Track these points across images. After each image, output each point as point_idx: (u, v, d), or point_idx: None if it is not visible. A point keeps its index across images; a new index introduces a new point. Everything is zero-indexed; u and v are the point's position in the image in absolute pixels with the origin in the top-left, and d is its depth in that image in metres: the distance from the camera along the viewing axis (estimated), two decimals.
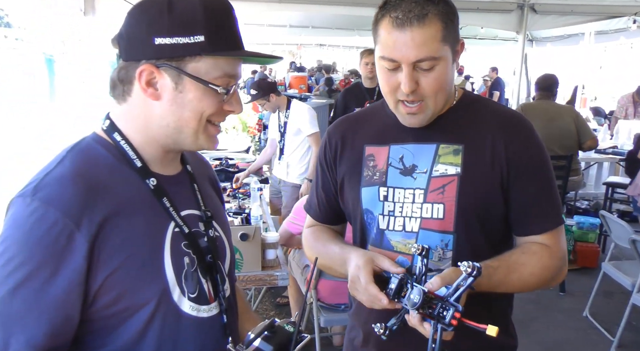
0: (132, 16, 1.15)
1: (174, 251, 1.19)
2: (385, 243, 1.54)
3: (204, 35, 1.11)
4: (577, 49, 11.48)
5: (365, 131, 1.63)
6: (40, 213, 1.03)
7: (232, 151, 6.15)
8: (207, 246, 1.28)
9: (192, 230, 1.25)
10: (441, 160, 1.50)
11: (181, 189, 1.29)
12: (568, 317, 4.63)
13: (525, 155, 1.49)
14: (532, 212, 1.51)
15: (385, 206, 1.54)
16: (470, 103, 1.58)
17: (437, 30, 1.36)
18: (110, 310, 1.12)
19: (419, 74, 1.39)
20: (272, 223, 3.99)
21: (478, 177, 1.47)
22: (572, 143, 5.55)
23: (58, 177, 1.09)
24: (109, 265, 1.09)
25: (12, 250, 1.04)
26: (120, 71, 1.17)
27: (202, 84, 1.14)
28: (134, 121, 1.20)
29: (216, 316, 1.28)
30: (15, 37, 6.95)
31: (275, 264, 3.12)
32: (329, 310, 3.48)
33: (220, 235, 1.37)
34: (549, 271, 1.50)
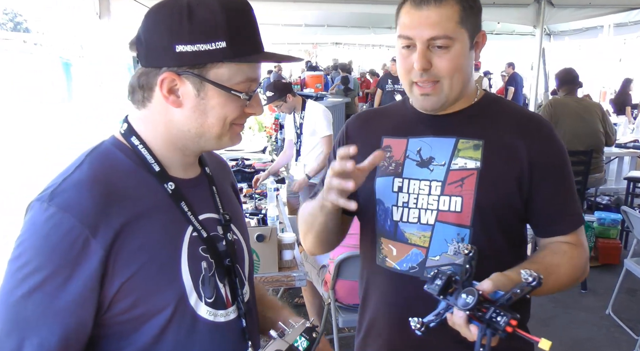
0: (151, 21, 1.14)
1: (191, 256, 1.18)
2: (399, 235, 1.53)
3: (225, 41, 1.10)
4: (595, 42, 11.35)
5: (384, 123, 1.65)
6: (56, 219, 1.04)
7: (248, 151, 6.16)
8: (226, 250, 1.28)
9: (211, 234, 1.25)
10: (461, 154, 1.50)
11: (200, 192, 1.28)
12: (590, 315, 4.57)
13: (548, 157, 1.50)
14: (556, 213, 1.53)
15: (400, 197, 1.54)
16: (490, 102, 1.60)
17: (455, 11, 1.41)
18: (127, 316, 1.12)
19: (433, 54, 1.42)
20: (288, 223, 3.98)
21: (498, 173, 1.47)
22: (597, 141, 5.52)
23: (75, 182, 1.09)
24: (126, 271, 1.09)
25: (28, 254, 1.05)
26: (140, 77, 1.16)
27: (225, 91, 1.13)
28: (154, 126, 1.19)
29: (234, 321, 1.27)
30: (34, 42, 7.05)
31: (293, 265, 3.11)
32: (347, 310, 3.47)
33: (238, 238, 1.36)
34: (579, 271, 1.52)
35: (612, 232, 5.73)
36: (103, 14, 5.69)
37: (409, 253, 1.52)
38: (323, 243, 1.68)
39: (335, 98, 10.95)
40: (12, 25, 30.09)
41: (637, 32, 9.59)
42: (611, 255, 5.56)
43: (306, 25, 12.50)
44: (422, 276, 1.50)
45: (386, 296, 1.59)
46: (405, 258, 1.53)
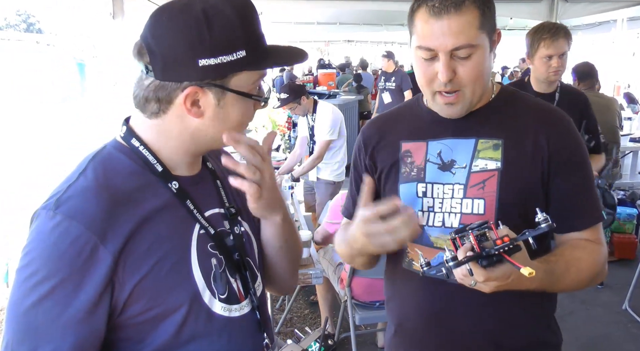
0: (165, 33, 1.09)
1: (200, 254, 1.19)
2: (425, 239, 1.53)
3: (245, 49, 1.10)
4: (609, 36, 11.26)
5: (400, 128, 1.63)
6: (63, 227, 1.04)
7: None
8: (234, 244, 1.28)
9: (218, 230, 1.25)
10: (481, 155, 1.48)
11: (204, 188, 1.28)
12: (607, 311, 4.54)
13: (567, 151, 1.48)
14: (574, 208, 1.50)
15: (425, 202, 1.53)
16: (508, 97, 1.57)
17: (474, 17, 1.36)
18: (142, 317, 1.13)
19: (456, 63, 1.39)
20: (304, 221, 3.99)
21: (519, 172, 1.46)
22: (615, 136, 5.48)
23: (80, 189, 1.09)
24: (137, 274, 1.09)
25: (36, 263, 1.04)
26: (157, 91, 1.12)
27: (246, 97, 1.14)
28: (165, 135, 1.18)
29: (249, 314, 1.28)
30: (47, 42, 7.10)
31: (309, 263, 3.12)
32: (364, 307, 3.48)
33: (247, 231, 1.36)
34: (599, 267, 1.50)
35: (627, 227, 5.69)
36: (117, 14, 5.72)
37: (435, 257, 1.50)
38: (372, 263, 1.72)
39: (347, 96, 10.93)
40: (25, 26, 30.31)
41: None
42: (627, 250, 5.53)
43: (318, 23, 12.50)
44: (448, 279, 1.47)
45: (415, 299, 1.59)
46: (432, 262, 1.52)
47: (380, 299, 3.47)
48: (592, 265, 1.48)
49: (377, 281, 3.40)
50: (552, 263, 1.38)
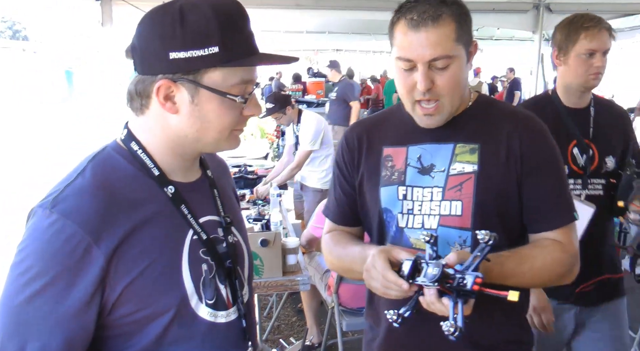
0: (144, 29, 1.14)
1: (192, 258, 1.20)
2: (405, 241, 1.56)
3: (217, 46, 1.10)
4: None
5: (382, 133, 1.67)
6: (58, 226, 1.05)
7: (250, 158, 6.19)
8: (227, 252, 1.29)
9: (211, 236, 1.26)
10: (458, 159, 1.54)
11: (200, 195, 1.29)
12: None
13: (538, 152, 1.53)
14: (543, 209, 1.54)
15: (404, 205, 1.57)
16: (485, 104, 1.63)
17: (451, 30, 1.42)
18: (130, 318, 1.14)
19: (435, 73, 1.44)
20: (292, 228, 4.01)
21: (494, 174, 1.51)
22: None
23: (78, 189, 1.10)
24: (128, 276, 1.10)
25: (30, 260, 1.06)
26: (137, 85, 1.17)
27: (220, 95, 1.14)
28: (152, 133, 1.20)
29: (235, 322, 1.29)
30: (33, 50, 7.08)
31: (297, 269, 3.13)
32: (351, 314, 3.50)
33: (239, 240, 1.38)
34: (560, 266, 1.52)
35: None
36: (105, 21, 5.73)
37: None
38: None
39: None
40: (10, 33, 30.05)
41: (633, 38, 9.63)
42: None
43: (307, 31, 12.53)
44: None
45: (390, 301, 1.61)
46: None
47: None
48: (550, 263, 1.50)
49: (364, 287, 3.39)
50: (504, 257, 1.43)
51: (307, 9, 6.53)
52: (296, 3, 6.31)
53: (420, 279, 1.29)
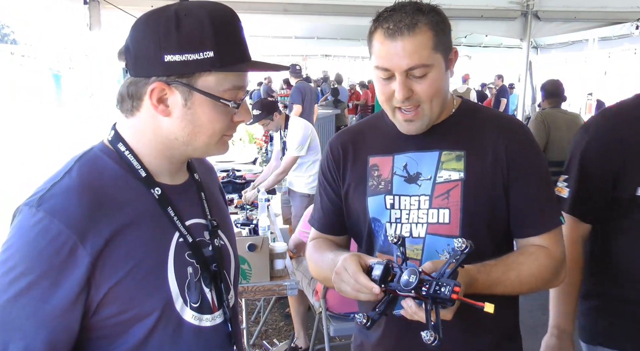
0: (139, 31, 1.15)
1: (177, 261, 1.20)
2: (393, 250, 1.55)
3: (212, 51, 1.11)
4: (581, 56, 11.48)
5: (367, 142, 1.66)
6: (44, 224, 1.05)
7: (239, 163, 6.18)
8: (213, 255, 1.29)
9: (197, 239, 1.26)
10: (444, 166, 1.53)
11: (187, 198, 1.29)
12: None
13: (523, 157, 1.53)
14: (530, 214, 1.54)
15: (392, 214, 1.56)
16: (468, 110, 1.63)
17: (428, 38, 1.41)
18: (114, 320, 1.13)
19: (413, 82, 1.44)
20: (279, 233, 4.00)
21: (481, 181, 1.51)
22: None
23: (64, 188, 1.10)
24: (113, 277, 1.10)
25: (15, 258, 1.05)
26: (129, 87, 1.17)
27: (214, 99, 1.14)
28: (142, 134, 1.20)
29: (220, 325, 1.29)
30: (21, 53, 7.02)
31: (284, 274, 3.13)
32: (339, 319, 3.50)
33: (225, 244, 1.38)
34: (547, 271, 1.52)
35: None
36: (94, 25, 5.69)
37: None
38: None
39: (325, 110, 11.00)
40: None
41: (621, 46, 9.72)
42: None
43: (296, 37, 12.53)
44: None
45: None
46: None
47: (355, 310, 3.48)
48: (537, 269, 1.50)
49: None
50: (490, 266, 1.43)
51: (295, 14, 6.53)
52: (284, 8, 6.30)
53: (395, 285, 1.28)
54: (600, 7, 6.87)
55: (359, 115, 15.62)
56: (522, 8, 6.89)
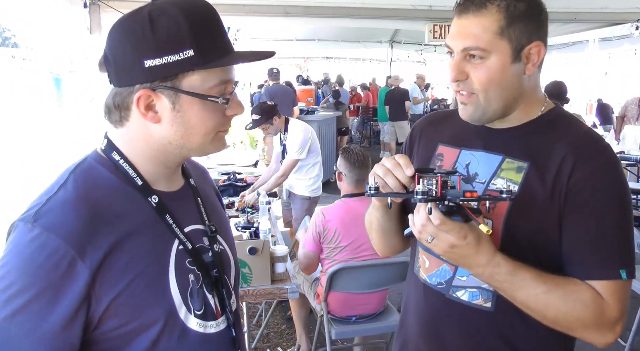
0: (115, 39, 1.11)
1: (178, 269, 1.18)
2: None
3: (192, 49, 1.08)
4: (581, 56, 11.50)
5: (444, 129, 1.60)
6: (41, 241, 1.02)
7: (240, 165, 6.18)
8: (213, 261, 1.27)
9: (197, 245, 1.24)
10: (502, 175, 1.41)
11: (184, 204, 1.27)
12: None
13: (590, 188, 1.31)
14: (579, 254, 1.33)
15: None
16: (554, 119, 1.44)
17: (493, 21, 1.31)
18: (117, 332, 1.11)
19: (469, 64, 1.35)
20: (280, 236, 3.99)
21: (534, 202, 1.34)
22: None
23: (60, 202, 1.07)
24: (114, 290, 1.08)
25: (11, 276, 1.02)
26: (115, 97, 1.14)
27: (201, 98, 1.11)
28: (134, 143, 1.17)
29: (224, 331, 1.27)
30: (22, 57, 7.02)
31: (285, 277, 3.11)
32: (340, 322, 3.48)
33: (225, 249, 1.36)
34: (585, 312, 1.29)
35: None
36: (94, 29, 5.71)
37: (439, 268, 1.50)
38: (384, 243, 1.69)
39: (326, 112, 11.00)
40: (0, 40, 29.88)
41: (622, 46, 9.73)
42: None
43: (297, 39, 12.59)
44: (447, 293, 1.48)
45: (416, 306, 1.59)
46: (436, 273, 1.51)
47: (356, 313, 3.48)
48: (573, 301, 1.29)
49: (353, 296, 3.41)
50: (521, 265, 1.30)
51: (296, 16, 6.55)
52: (285, 11, 6.32)
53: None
54: (601, 8, 6.89)
55: (360, 117, 15.63)
56: None
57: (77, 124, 5.71)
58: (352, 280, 3.35)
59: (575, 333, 1.36)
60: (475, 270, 1.32)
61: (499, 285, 1.32)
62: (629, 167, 7.50)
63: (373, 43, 14.64)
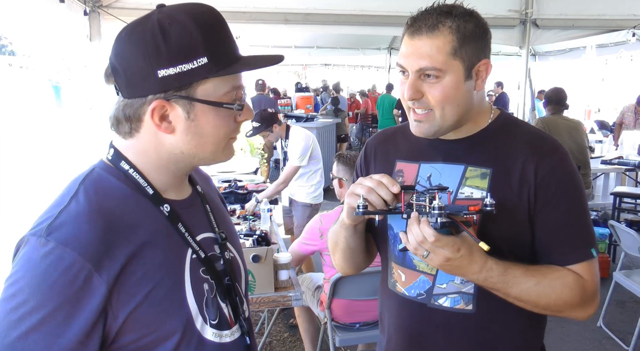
0: (124, 49, 1.09)
1: (193, 279, 1.16)
2: (408, 262, 1.54)
3: (205, 56, 1.06)
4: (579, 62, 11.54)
5: (399, 146, 1.64)
6: (56, 255, 0.99)
7: (240, 173, 6.17)
8: (224, 269, 1.26)
9: (209, 254, 1.22)
10: (468, 183, 1.47)
11: (194, 212, 1.26)
12: (582, 328, 4.61)
13: (554, 183, 1.42)
14: (554, 244, 1.44)
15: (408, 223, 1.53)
16: (505, 125, 1.53)
17: (446, 42, 1.36)
18: (134, 345, 1.09)
19: (424, 84, 1.40)
20: (283, 244, 3.98)
21: (503, 204, 1.39)
22: (585, 157, 5.70)
23: (74, 214, 1.05)
24: (132, 302, 1.06)
25: (25, 293, 0.99)
26: (125, 109, 1.11)
27: (216, 106, 1.10)
28: (143, 154, 1.15)
29: (239, 339, 1.26)
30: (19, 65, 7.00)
31: (289, 285, 3.10)
32: (344, 329, 3.47)
33: (235, 256, 1.35)
34: (571, 294, 1.40)
35: (600, 246, 5.82)
36: (94, 36, 5.71)
37: (417, 280, 1.52)
38: (349, 262, 1.69)
39: (325, 119, 11.02)
40: None
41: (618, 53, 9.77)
42: (600, 269, 5.56)
43: (296, 46, 12.61)
44: (429, 303, 1.51)
45: (397, 320, 1.61)
46: (414, 285, 1.53)
47: (360, 320, 3.48)
48: (560, 287, 1.39)
49: (356, 302, 3.41)
50: (509, 262, 1.37)
51: (296, 24, 6.56)
52: (285, 18, 6.34)
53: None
54: (598, 15, 6.94)
55: (359, 124, 15.65)
56: (521, 16, 6.96)
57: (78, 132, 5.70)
58: (355, 287, 3.34)
59: (563, 314, 1.46)
60: (469, 276, 1.37)
61: (493, 285, 1.38)
62: (627, 172, 7.55)
63: (371, 50, 14.67)
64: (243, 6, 6.15)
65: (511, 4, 6.94)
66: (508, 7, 6.91)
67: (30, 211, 1.12)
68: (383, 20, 6.56)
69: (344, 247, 1.62)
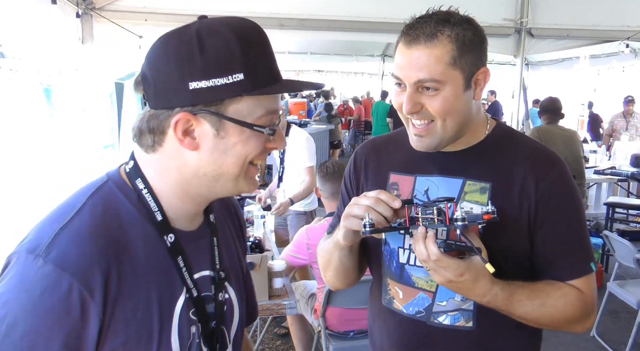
0: (158, 57, 1.03)
1: (182, 321, 1.10)
2: (406, 278, 1.50)
3: (243, 73, 0.99)
4: (571, 73, 11.61)
5: (391, 156, 1.58)
6: (53, 279, 0.94)
7: None
8: (214, 312, 1.19)
9: (202, 295, 1.16)
10: (467, 197, 1.43)
11: (199, 246, 1.18)
12: (576, 338, 4.60)
13: (555, 197, 1.41)
14: (555, 259, 1.43)
15: (407, 239, 1.48)
16: (502, 137, 1.50)
17: (445, 52, 1.30)
18: None
19: (423, 96, 1.34)
20: (276, 250, 3.94)
21: (504, 219, 1.35)
22: (580, 167, 5.72)
23: (75, 234, 0.98)
24: (116, 340, 1.01)
25: (16, 315, 0.93)
26: (150, 121, 1.05)
27: (247, 127, 1.03)
28: (165, 172, 1.09)
29: None
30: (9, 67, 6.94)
31: (283, 293, 3.06)
32: (338, 338, 3.44)
33: (230, 297, 1.25)
34: (574, 311, 1.42)
35: None
36: (86, 39, 5.66)
37: (415, 297, 1.48)
38: (342, 280, 1.65)
39: (319, 125, 11.01)
40: None
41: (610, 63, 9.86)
42: None
43: (289, 52, 12.59)
44: (428, 321, 1.47)
45: (392, 337, 1.56)
46: (412, 302, 1.50)
47: (354, 329, 3.44)
48: (563, 305, 1.40)
49: (351, 311, 3.37)
50: (515, 285, 1.36)
51: (291, 29, 6.53)
52: (280, 23, 6.31)
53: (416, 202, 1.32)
54: (592, 26, 6.98)
55: (352, 130, 15.66)
56: (516, 25, 6.97)
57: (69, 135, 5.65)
58: (349, 295, 3.30)
59: (563, 329, 1.49)
60: (473, 298, 1.36)
61: (497, 307, 1.36)
62: (619, 182, 7.59)
63: (365, 56, 14.70)
64: (238, 11, 6.11)
65: (506, 12, 6.96)
66: (503, 16, 6.92)
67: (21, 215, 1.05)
68: (378, 26, 6.54)
69: (338, 265, 1.57)
